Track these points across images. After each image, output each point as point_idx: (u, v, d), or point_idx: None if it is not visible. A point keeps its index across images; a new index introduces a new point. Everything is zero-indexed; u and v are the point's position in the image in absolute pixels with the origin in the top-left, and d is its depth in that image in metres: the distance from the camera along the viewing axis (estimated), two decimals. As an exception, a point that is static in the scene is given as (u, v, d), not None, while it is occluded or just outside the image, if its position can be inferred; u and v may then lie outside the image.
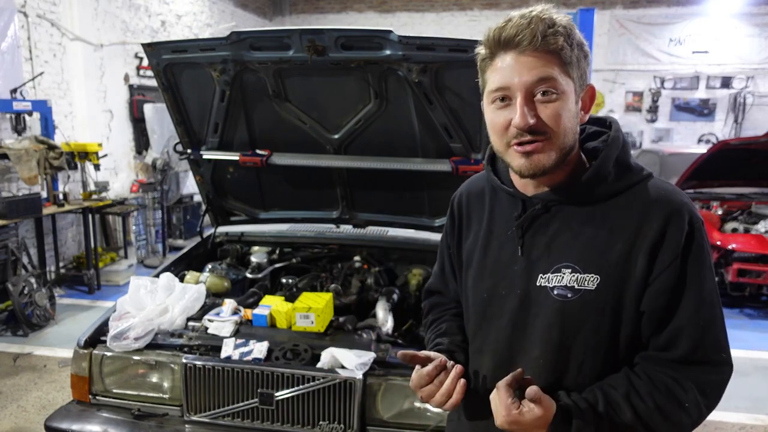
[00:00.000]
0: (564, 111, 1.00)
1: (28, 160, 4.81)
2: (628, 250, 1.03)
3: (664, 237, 1.01)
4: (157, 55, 2.41)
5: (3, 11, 5.14)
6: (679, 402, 1.01)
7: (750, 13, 10.11)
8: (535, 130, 1.00)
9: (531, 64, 0.98)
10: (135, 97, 7.06)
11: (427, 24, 11.05)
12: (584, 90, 1.06)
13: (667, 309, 1.03)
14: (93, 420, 2.05)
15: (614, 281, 1.03)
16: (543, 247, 1.10)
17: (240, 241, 3.12)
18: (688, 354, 1.02)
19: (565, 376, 1.08)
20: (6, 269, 4.74)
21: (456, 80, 2.28)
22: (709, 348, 1.03)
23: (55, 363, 4.04)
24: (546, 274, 1.08)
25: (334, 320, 2.21)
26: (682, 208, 1.03)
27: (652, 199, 1.05)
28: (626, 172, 1.08)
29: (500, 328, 1.14)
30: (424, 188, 2.82)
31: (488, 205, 1.22)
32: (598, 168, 1.07)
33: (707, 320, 1.02)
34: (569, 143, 1.04)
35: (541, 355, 1.08)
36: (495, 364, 1.15)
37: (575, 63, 1.01)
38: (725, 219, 5.51)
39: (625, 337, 1.05)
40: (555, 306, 1.06)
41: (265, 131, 2.74)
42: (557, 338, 1.07)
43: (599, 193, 1.07)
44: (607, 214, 1.06)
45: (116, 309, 2.23)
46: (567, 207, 1.09)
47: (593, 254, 1.05)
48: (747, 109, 10.43)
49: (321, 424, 1.93)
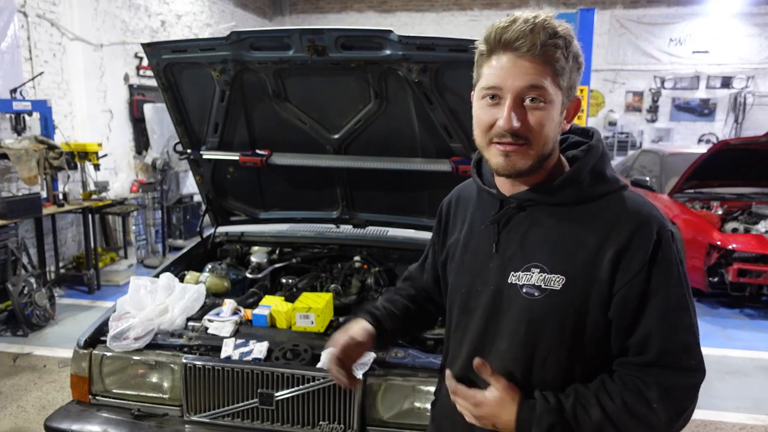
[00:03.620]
0: (548, 120, 1.04)
1: (28, 160, 4.81)
2: (594, 254, 1.06)
3: (630, 246, 1.04)
4: (157, 55, 2.41)
5: (3, 11, 5.14)
6: (647, 402, 1.03)
7: (750, 13, 10.11)
8: (518, 135, 1.04)
9: (525, 69, 1.02)
10: (135, 97, 7.06)
11: (427, 24, 11.05)
12: (571, 101, 1.10)
13: (635, 317, 1.05)
14: (93, 420, 2.05)
15: (579, 283, 1.07)
16: (516, 246, 1.14)
17: (240, 241, 3.12)
18: (655, 359, 1.05)
19: (531, 371, 1.12)
20: (6, 269, 4.73)
21: (456, 80, 2.28)
22: (676, 353, 1.05)
23: (54, 363, 4.04)
24: (517, 272, 1.12)
25: (334, 320, 2.21)
26: (650, 220, 1.06)
27: (623, 209, 1.08)
28: (601, 181, 1.12)
29: (476, 321, 1.20)
30: (424, 188, 2.82)
31: (472, 207, 1.29)
32: (572, 173, 1.11)
33: (673, 326, 1.05)
34: (548, 150, 1.08)
35: (508, 348, 1.14)
36: (468, 354, 1.21)
37: (566, 74, 1.05)
38: (725, 219, 5.50)
39: (589, 337, 1.09)
40: (523, 303, 1.11)
41: (265, 131, 2.73)
42: (523, 334, 1.11)
43: (572, 196, 1.10)
44: (578, 219, 1.10)
45: (116, 309, 2.23)
46: (541, 208, 1.13)
47: (561, 256, 1.08)
48: (747, 109, 10.44)
49: (321, 424, 1.93)
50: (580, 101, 1.13)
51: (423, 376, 1.92)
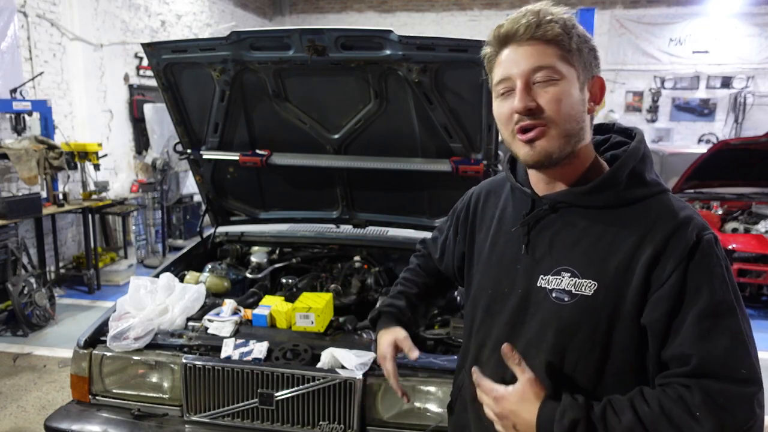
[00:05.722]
0: (564, 96, 1.01)
1: (28, 160, 4.80)
2: (629, 260, 1.01)
3: (666, 249, 0.99)
4: (157, 55, 2.41)
5: (3, 11, 5.14)
6: (689, 408, 0.93)
7: (750, 13, 10.11)
8: (534, 113, 1.02)
9: (528, 52, 1.02)
10: (135, 97, 7.05)
11: (427, 24, 11.05)
12: (590, 80, 1.06)
13: (669, 321, 0.98)
14: (93, 420, 2.05)
15: (612, 290, 1.02)
16: (546, 248, 1.10)
17: (240, 241, 3.12)
18: (697, 367, 0.95)
19: (559, 378, 1.08)
20: (6, 269, 4.73)
21: (456, 80, 2.28)
22: (719, 361, 0.95)
23: (54, 363, 4.04)
24: (546, 276, 1.08)
25: (334, 320, 2.21)
26: (689, 222, 1.01)
27: (660, 213, 1.03)
28: (639, 184, 1.07)
29: (500, 324, 1.16)
30: (424, 188, 2.82)
31: (502, 203, 1.25)
32: (609, 175, 1.06)
33: (715, 331, 0.96)
34: (574, 129, 1.03)
35: (535, 355, 1.09)
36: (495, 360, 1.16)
37: (576, 51, 1.02)
38: (725, 219, 5.51)
39: (621, 345, 1.03)
40: (552, 308, 1.07)
41: (265, 131, 2.73)
42: (551, 340, 1.07)
43: (608, 199, 1.06)
44: (613, 222, 1.05)
45: (116, 309, 2.23)
46: (574, 210, 1.09)
47: (593, 260, 1.04)
48: (747, 109, 10.42)
49: (321, 424, 1.93)
50: (602, 80, 1.08)
51: (423, 376, 1.92)
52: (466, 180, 2.53)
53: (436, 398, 1.92)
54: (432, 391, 1.93)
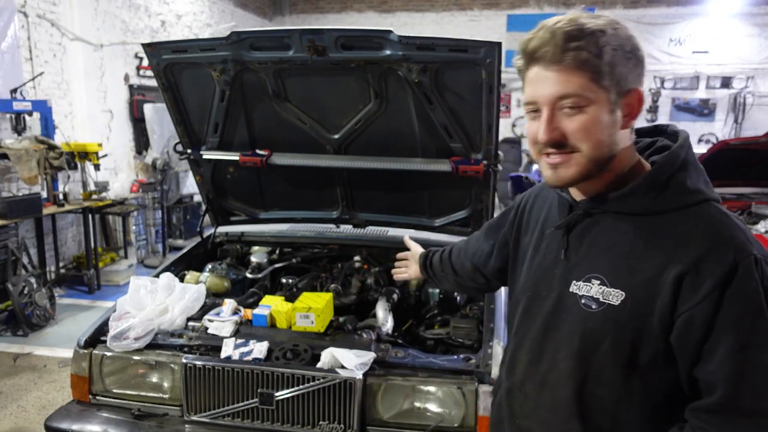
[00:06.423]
0: (591, 124, 0.99)
1: (28, 160, 4.81)
2: (659, 273, 0.97)
3: (697, 269, 0.93)
4: (157, 55, 2.41)
5: (3, 11, 5.14)
6: None
7: (750, 13, 10.10)
8: (558, 144, 1.01)
9: (554, 79, 0.98)
10: (135, 97, 7.06)
11: (427, 24, 11.04)
12: (625, 95, 1.01)
13: (698, 348, 0.95)
14: (93, 420, 2.05)
15: (639, 302, 0.99)
16: (582, 254, 1.10)
17: (240, 241, 3.12)
18: (723, 401, 0.93)
19: (585, 385, 1.08)
20: (6, 269, 4.74)
21: (456, 80, 2.28)
22: (749, 397, 0.92)
23: (55, 363, 4.04)
24: (578, 282, 1.08)
25: (334, 320, 2.21)
26: (728, 242, 0.94)
27: (698, 225, 0.98)
28: (679, 191, 1.02)
29: (536, 327, 1.18)
30: (424, 188, 2.82)
31: (547, 208, 1.25)
32: (643, 181, 1.03)
33: (748, 365, 0.92)
34: (604, 154, 1.01)
35: (563, 359, 1.10)
36: (529, 360, 1.19)
37: (607, 71, 0.97)
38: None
39: (648, 358, 1.00)
40: (579, 314, 1.07)
41: (265, 131, 2.73)
42: (576, 346, 1.08)
43: (642, 206, 1.03)
44: (647, 231, 1.01)
45: (116, 309, 2.23)
46: (609, 216, 1.07)
47: (622, 269, 1.02)
48: (747, 109, 10.42)
49: (321, 424, 1.93)
50: (640, 93, 1.02)
51: (423, 376, 1.92)
52: (466, 180, 2.53)
53: (436, 398, 1.92)
54: (432, 391, 1.93)
